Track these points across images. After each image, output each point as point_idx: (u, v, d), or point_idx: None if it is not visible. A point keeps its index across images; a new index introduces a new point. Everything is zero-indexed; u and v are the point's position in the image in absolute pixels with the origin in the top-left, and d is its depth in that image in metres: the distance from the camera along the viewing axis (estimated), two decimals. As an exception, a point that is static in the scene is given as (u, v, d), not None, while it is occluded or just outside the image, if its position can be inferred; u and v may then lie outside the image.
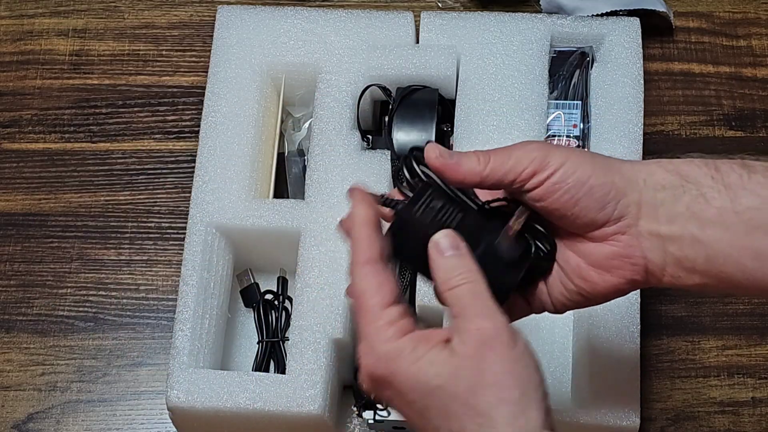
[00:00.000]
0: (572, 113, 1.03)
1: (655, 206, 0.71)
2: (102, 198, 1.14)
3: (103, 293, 1.10)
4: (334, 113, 1.04)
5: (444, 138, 1.04)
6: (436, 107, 1.03)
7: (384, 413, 0.97)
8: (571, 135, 1.03)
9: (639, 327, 0.96)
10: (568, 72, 1.05)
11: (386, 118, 1.04)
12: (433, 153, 0.71)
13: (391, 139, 1.02)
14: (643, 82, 1.04)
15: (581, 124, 1.03)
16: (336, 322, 0.96)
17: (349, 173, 1.01)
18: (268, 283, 1.06)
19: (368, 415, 0.97)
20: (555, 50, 1.06)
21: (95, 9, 1.22)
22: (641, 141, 1.02)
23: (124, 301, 1.10)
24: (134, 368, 1.07)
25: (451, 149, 1.02)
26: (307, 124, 1.09)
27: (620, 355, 0.94)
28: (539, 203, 0.71)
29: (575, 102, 1.04)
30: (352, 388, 1.00)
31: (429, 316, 0.97)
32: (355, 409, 0.99)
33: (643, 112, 1.03)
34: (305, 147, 1.08)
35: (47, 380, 1.07)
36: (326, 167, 1.02)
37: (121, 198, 1.14)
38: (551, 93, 1.04)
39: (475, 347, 0.66)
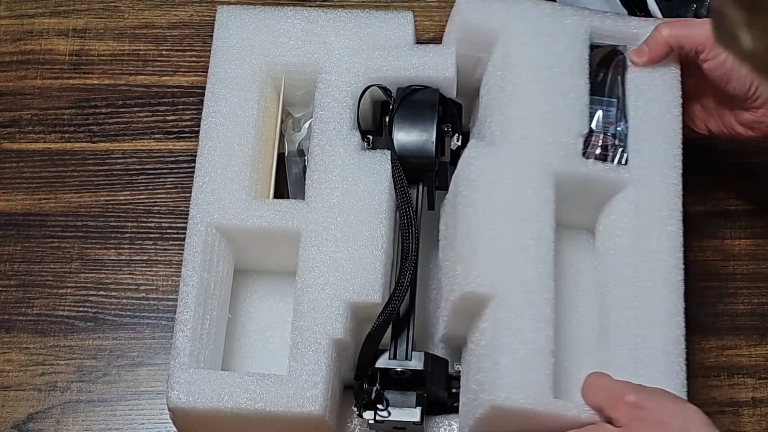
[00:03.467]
0: (609, 110, 1.02)
1: None
2: (102, 198, 1.14)
3: (103, 293, 1.10)
4: (334, 113, 1.04)
5: (444, 138, 1.04)
6: (436, 107, 1.03)
7: (384, 413, 0.97)
8: (609, 132, 1.01)
9: (683, 324, 0.95)
10: (602, 69, 1.03)
11: (386, 119, 1.04)
12: (638, 58, 1.02)
13: (392, 139, 1.02)
14: (680, 82, 1.02)
15: (618, 123, 1.01)
16: (336, 322, 0.96)
17: (349, 173, 1.01)
18: (267, 284, 1.06)
19: (368, 415, 0.97)
20: (590, 45, 1.04)
21: (95, 9, 1.22)
22: (680, 138, 1.00)
23: (124, 301, 1.10)
24: (134, 368, 1.07)
25: (454, 149, 1.03)
26: (307, 124, 1.09)
27: (665, 353, 0.94)
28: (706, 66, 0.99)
29: (612, 99, 1.02)
30: (353, 388, 1.00)
31: (468, 303, 0.97)
32: (355, 409, 0.98)
33: (681, 111, 1.01)
34: (305, 147, 1.08)
35: (47, 380, 1.07)
36: (326, 167, 1.02)
37: (121, 198, 1.14)
38: None
39: None
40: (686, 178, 1.13)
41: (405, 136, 1.02)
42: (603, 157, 1.00)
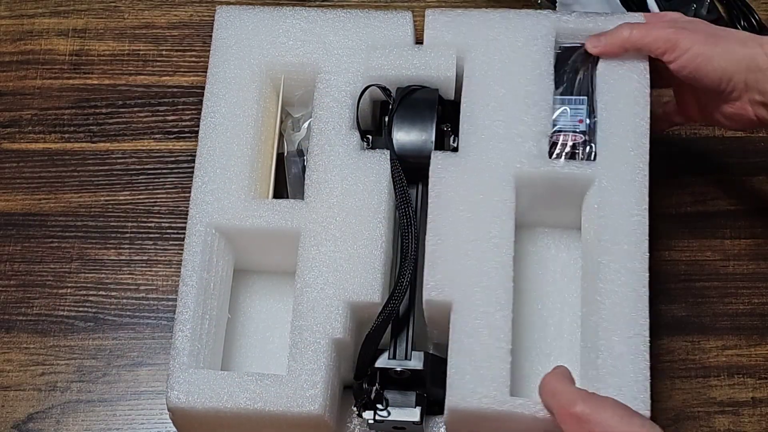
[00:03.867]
0: (578, 108, 1.03)
1: (757, 82, 0.98)
2: (102, 198, 1.14)
3: (103, 293, 1.10)
4: (334, 113, 1.04)
5: (444, 138, 1.04)
6: (436, 107, 1.03)
7: (384, 413, 0.97)
8: (578, 130, 1.02)
9: (647, 324, 0.95)
10: (573, 67, 1.04)
11: (386, 118, 1.04)
12: (593, 45, 1.03)
13: (391, 139, 1.02)
14: (648, 76, 1.03)
15: (587, 119, 1.02)
16: (336, 322, 0.96)
17: (349, 173, 1.01)
18: (267, 284, 1.06)
19: (368, 415, 0.97)
20: (560, 46, 1.05)
21: (95, 9, 1.22)
22: (648, 134, 1.01)
23: (124, 301, 1.10)
24: (134, 368, 1.07)
25: (454, 149, 1.03)
26: (306, 124, 1.09)
27: (628, 353, 0.94)
28: (672, 67, 1.00)
29: (581, 97, 1.03)
30: (352, 388, 1.00)
31: (433, 309, 0.98)
32: (355, 409, 0.98)
33: (649, 106, 1.02)
34: (305, 147, 1.08)
35: (47, 380, 1.07)
36: (326, 167, 1.02)
37: (121, 198, 1.14)
38: (557, 88, 1.04)
39: None
40: (685, 178, 1.13)
41: (404, 136, 1.02)
42: (572, 156, 1.01)
